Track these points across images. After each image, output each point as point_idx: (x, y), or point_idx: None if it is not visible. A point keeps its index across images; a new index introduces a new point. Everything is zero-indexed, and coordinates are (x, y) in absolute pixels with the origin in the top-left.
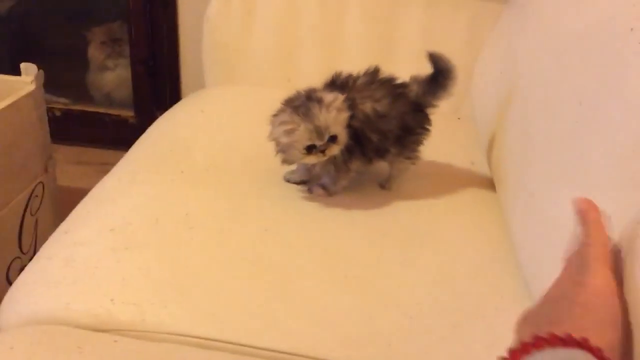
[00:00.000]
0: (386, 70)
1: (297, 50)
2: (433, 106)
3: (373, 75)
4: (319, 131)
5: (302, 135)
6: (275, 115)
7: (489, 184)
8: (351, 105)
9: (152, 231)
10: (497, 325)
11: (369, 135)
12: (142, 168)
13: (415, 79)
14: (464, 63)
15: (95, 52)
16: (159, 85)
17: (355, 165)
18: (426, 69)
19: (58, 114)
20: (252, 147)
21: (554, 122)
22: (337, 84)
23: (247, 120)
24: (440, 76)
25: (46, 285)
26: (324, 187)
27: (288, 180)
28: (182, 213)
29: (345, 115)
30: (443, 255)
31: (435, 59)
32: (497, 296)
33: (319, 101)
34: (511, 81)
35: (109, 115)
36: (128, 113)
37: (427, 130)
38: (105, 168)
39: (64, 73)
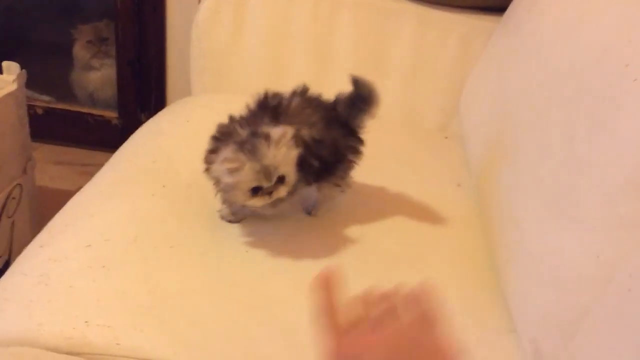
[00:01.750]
0: (376, 83)
1: (287, 60)
2: (360, 127)
3: (303, 95)
4: (266, 171)
5: (248, 175)
6: (211, 151)
7: (476, 208)
8: (295, 133)
9: (130, 249)
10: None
11: (311, 161)
12: (123, 180)
13: (339, 99)
14: (453, 80)
15: (80, 51)
16: (144, 87)
17: (299, 189)
18: (416, 86)
19: (40, 112)
20: None
21: (544, 155)
22: (268, 105)
23: None
24: (359, 101)
25: (19, 303)
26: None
27: (230, 221)
28: (162, 231)
29: (294, 152)
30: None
31: (356, 83)
32: (479, 328)
33: (266, 137)
34: (501, 106)
35: (92, 115)
36: (112, 114)
37: (359, 154)
38: (86, 169)
39: (48, 70)
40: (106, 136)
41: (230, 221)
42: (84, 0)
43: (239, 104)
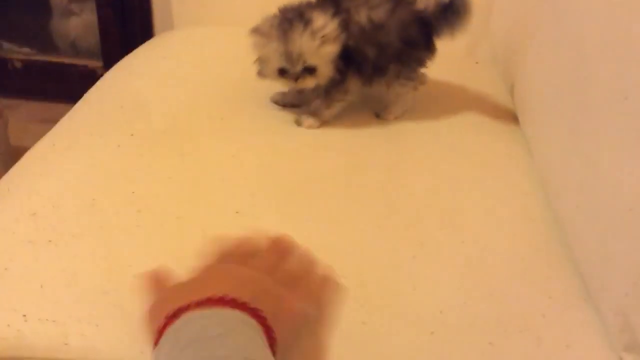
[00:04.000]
0: None
1: None
2: (443, 35)
3: None
4: (289, 56)
5: (271, 54)
6: (263, 21)
7: (520, 142)
8: (344, 21)
9: (86, 217)
10: (546, 340)
11: (365, 50)
12: (83, 131)
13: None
14: None
15: None
16: (128, 30)
17: (352, 86)
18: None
19: (19, 65)
20: (221, 104)
21: (628, 65)
22: None
23: (217, 69)
24: (451, 13)
25: None
26: (314, 114)
27: (276, 102)
28: (127, 191)
29: (333, 48)
30: (471, 241)
31: None
32: (545, 298)
33: (307, 23)
34: (553, 18)
35: (75, 66)
36: (96, 63)
37: (432, 48)
38: None
39: (25, 21)
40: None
41: (276, 103)
42: None
43: (223, 38)
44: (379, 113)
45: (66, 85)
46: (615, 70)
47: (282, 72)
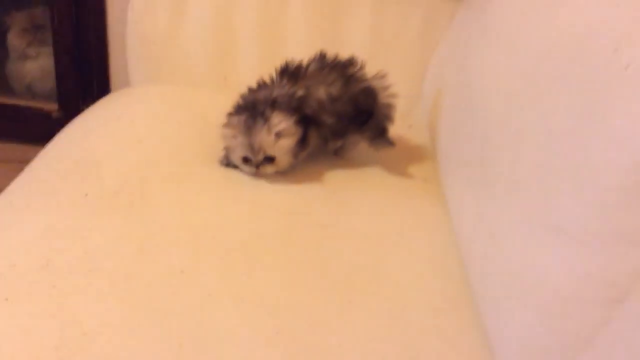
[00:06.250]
0: None
1: (234, 46)
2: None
3: (322, 60)
4: (252, 147)
5: (237, 145)
6: (231, 114)
7: (444, 207)
8: (303, 103)
9: (41, 276)
10: None
11: (324, 118)
12: (39, 189)
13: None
14: (415, 65)
15: (15, 39)
16: (85, 76)
17: (312, 144)
18: (376, 71)
19: None
20: (175, 163)
21: (520, 153)
22: (288, 72)
23: (173, 129)
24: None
25: None
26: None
27: (227, 165)
28: (79, 251)
29: (288, 141)
30: (393, 297)
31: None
32: (454, 354)
33: (266, 120)
34: (467, 95)
35: (30, 108)
36: (52, 106)
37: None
38: (25, 166)
39: None
40: (47, 130)
41: (224, 165)
42: None
43: (179, 97)
44: (336, 151)
45: (21, 127)
46: (511, 153)
47: (246, 160)
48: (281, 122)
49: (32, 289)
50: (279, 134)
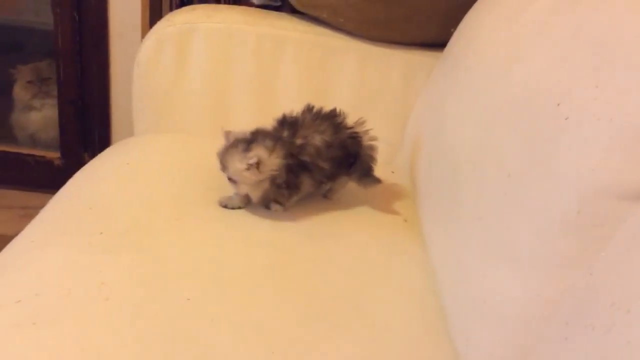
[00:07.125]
0: None
1: (231, 99)
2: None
3: (311, 111)
4: (224, 166)
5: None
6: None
7: (422, 243)
8: (292, 149)
9: (63, 304)
10: None
11: (321, 164)
12: (57, 229)
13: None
14: (397, 114)
15: (20, 91)
16: (87, 126)
17: (305, 187)
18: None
19: None
20: (179, 204)
21: (482, 191)
22: (287, 122)
23: (175, 174)
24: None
25: None
26: (279, 202)
27: (224, 206)
28: (97, 282)
29: (255, 177)
30: (374, 327)
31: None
32: None
33: (245, 149)
34: (442, 142)
35: (33, 156)
36: (54, 154)
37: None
38: (28, 212)
39: None
40: (49, 177)
41: (224, 206)
42: (24, 39)
43: (181, 145)
44: (325, 193)
45: (24, 174)
46: (475, 191)
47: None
48: (256, 156)
49: (56, 315)
50: (250, 165)
